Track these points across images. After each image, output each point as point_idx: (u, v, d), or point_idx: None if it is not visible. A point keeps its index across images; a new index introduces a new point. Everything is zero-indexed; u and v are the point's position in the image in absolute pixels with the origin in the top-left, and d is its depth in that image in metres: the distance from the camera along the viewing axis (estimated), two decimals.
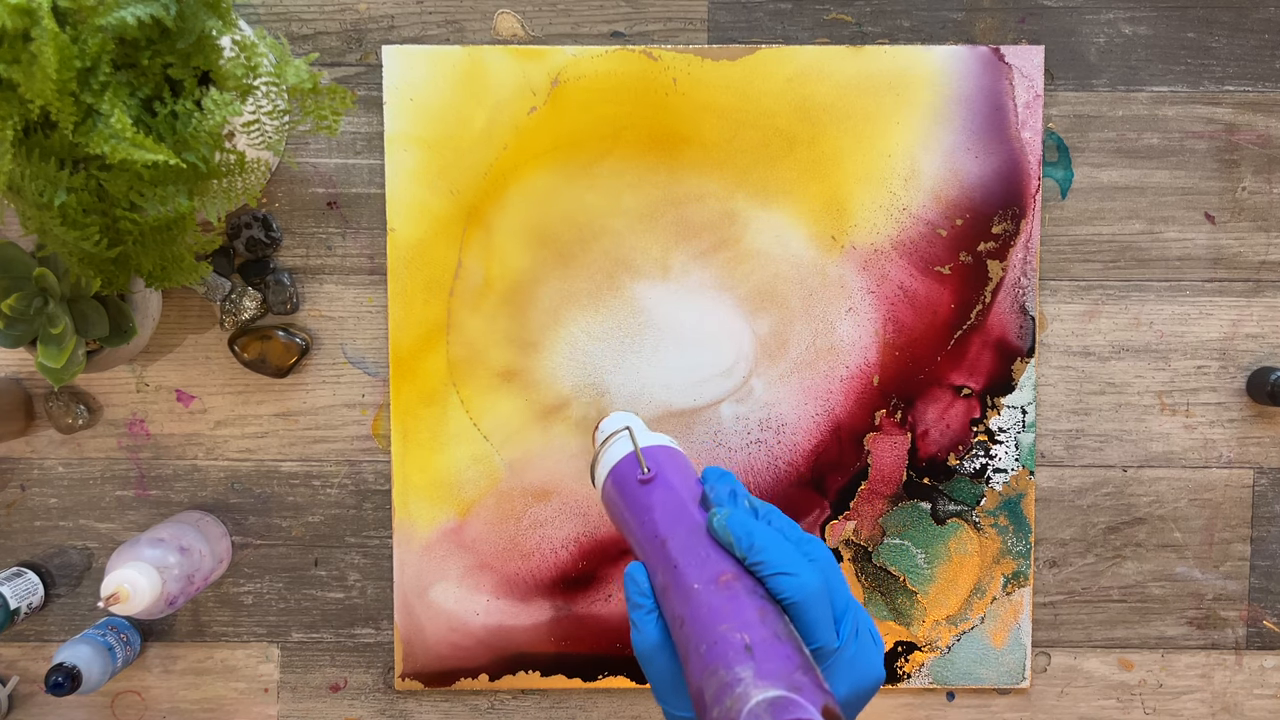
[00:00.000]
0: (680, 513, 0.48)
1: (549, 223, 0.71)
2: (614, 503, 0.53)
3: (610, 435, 0.56)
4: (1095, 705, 0.75)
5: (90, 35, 0.49)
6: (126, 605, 0.61)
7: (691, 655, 0.41)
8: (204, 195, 0.57)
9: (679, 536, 0.47)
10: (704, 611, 0.42)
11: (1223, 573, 0.74)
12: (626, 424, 0.56)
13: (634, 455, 0.52)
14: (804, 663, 0.39)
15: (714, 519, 0.46)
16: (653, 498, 0.50)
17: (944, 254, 0.71)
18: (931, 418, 0.72)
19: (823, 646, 0.43)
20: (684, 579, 0.44)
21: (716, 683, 0.39)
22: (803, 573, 0.43)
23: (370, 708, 0.74)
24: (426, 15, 0.71)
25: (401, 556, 0.72)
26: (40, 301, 0.60)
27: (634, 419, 0.59)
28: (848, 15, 0.71)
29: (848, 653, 0.44)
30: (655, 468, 0.51)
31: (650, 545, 0.48)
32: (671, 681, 0.45)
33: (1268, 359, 0.73)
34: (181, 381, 0.73)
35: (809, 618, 0.43)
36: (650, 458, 0.52)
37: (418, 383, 0.71)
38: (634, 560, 0.49)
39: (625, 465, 0.53)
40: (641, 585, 0.47)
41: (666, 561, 0.46)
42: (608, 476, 0.54)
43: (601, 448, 0.56)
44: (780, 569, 0.43)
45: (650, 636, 0.45)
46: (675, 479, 0.51)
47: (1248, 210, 0.72)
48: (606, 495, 0.54)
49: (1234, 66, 0.71)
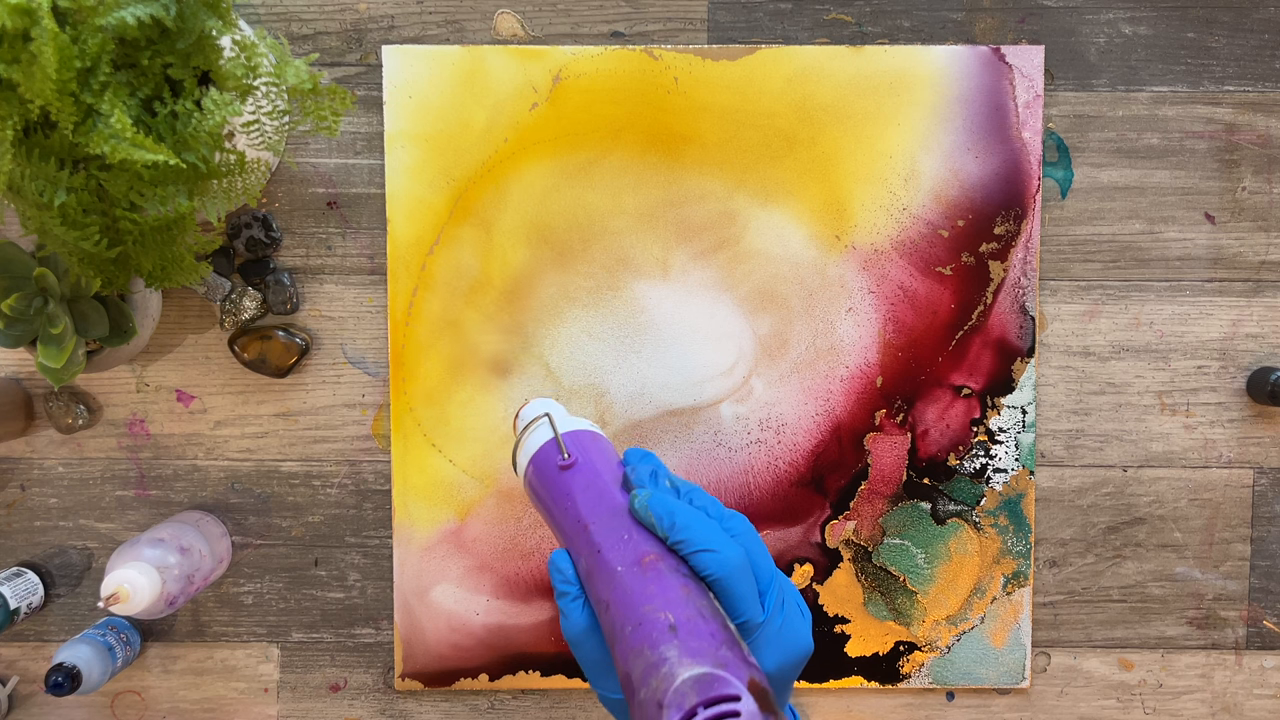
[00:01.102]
0: (602, 496, 0.48)
1: (549, 222, 0.71)
2: (536, 490, 0.53)
3: (530, 422, 0.55)
4: (1095, 705, 0.75)
5: (90, 35, 0.49)
6: (126, 605, 0.61)
7: (618, 638, 0.42)
8: (204, 195, 0.57)
9: (601, 520, 0.47)
10: (628, 593, 0.42)
11: (1223, 573, 0.74)
12: (546, 410, 0.56)
13: (554, 442, 0.52)
14: (729, 638, 0.40)
15: (635, 500, 0.46)
16: (574, 483, 0.49)
17: (945, 254, 0.71)
18: (931, 418, 0.72)
19: (748, 620, 0.43)
20: (607, 562, 0.44)
21: (643, 663, 0.39)
22: (724, 549, 0.44)
23: (370, 708, 0.74)
24: (426, 15, 0.71)
25: (401, 556, 0.72)
26: (40, 301, 0.60)
27: (554, 405, 0.58)
28: (848, 15, 0.71)
29: (774, 625, 0.44)
30: (576, 453, 0.51)
31: (573, 531, 0.48)
32: (602, 665, 0.46)
33: (1268, 359, 0.73)
34: (181, 381, 0.73)
35: (733, 592, 0.43)
36: (571, 442, 0.52)
37: (418, 383, 0.71)
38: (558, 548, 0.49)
39: (546, 452, 0.52)
40: (566, 572, 0.47)
41: (590, 546, 0.46)
42: (529, 464, 0.54)
43: (522, 435, 0.56)
44: (702, 546, 0.44)
45: (578, 623, 0.46)
46: (596, 463, 0.51)
47: (1248, 210, 0.72)
48: (528, 483, 0.54)
49: (1234, 66, 0.71)
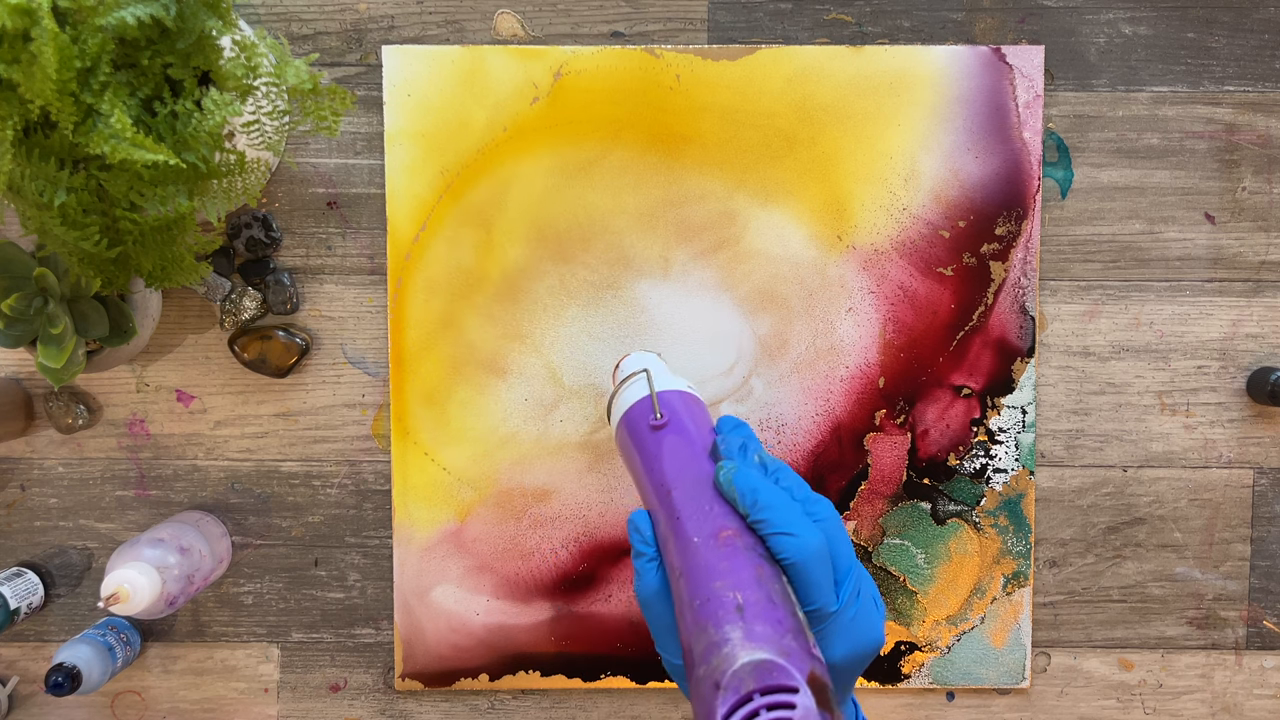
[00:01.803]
0: (689, 462, 0.47)
1: (549, 222, 0.71)
2: (625, 446, 0.52)
3: (629, 376, 0.54)
4: (1095, 705, 0.75)
5: (90, 35, 0.49)
6: (126, 605, 0.61)
7: (685, 609, 0.41)
8: (204, 195, 0.57)
9: (684, 487, 0.46)
10: (701, 566, 0.42)
11: (1223, 573, 0.74)
12: (645, 366, 0.54)
13: (649, 399, 0.51)
14: (795, 627, 0.39)
15: (720, 473, 0.45)
16: (663, 445, 0.48)
17: (946, 255, 0.71)
18: (931, 418, 0.72)
19: (820, 608, 0.42)
20: (685, 531, 0.44)
21: (705, 640, 0.38)
22: (804, 533, 0.43)
23: (370, 708, 0.74)
24: (426, 15, 0.71)
25: (401, 556, 0.72)
26: (40, 301, 0.60)
27: (654, 360, 0.57)
28: (848, 15, 0.71)
29: (847, 615, 0.43)
30: (669, 414, 0.50)
31: (656, 492, 0.47)
32: (668, 628, 0.45)
33: (1268, 359, 0.73)
34: (181, 381, 0.73)
35: (808, 579, 0.42)
36: (666, 403, 0.51)
37: (418, 383, 0.71)
38: (639, 507, 0.48)
39: (640, 409, 0.51)
40: (644, 533, 0.46)
41: (670, 511, 0.45)
42: (621, 419, 0.53)
43: (619, 388, 0.55)
44: (781, 529, 0.43)
45: (650, 585, 0.45)
46: (688, 426, 0.49)
47: (1248, 210, 0.72)
48: (619, 438, 0.53)
49: (1234, 66, 0.71)
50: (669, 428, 0.49)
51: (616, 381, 0.57)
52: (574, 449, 0.72)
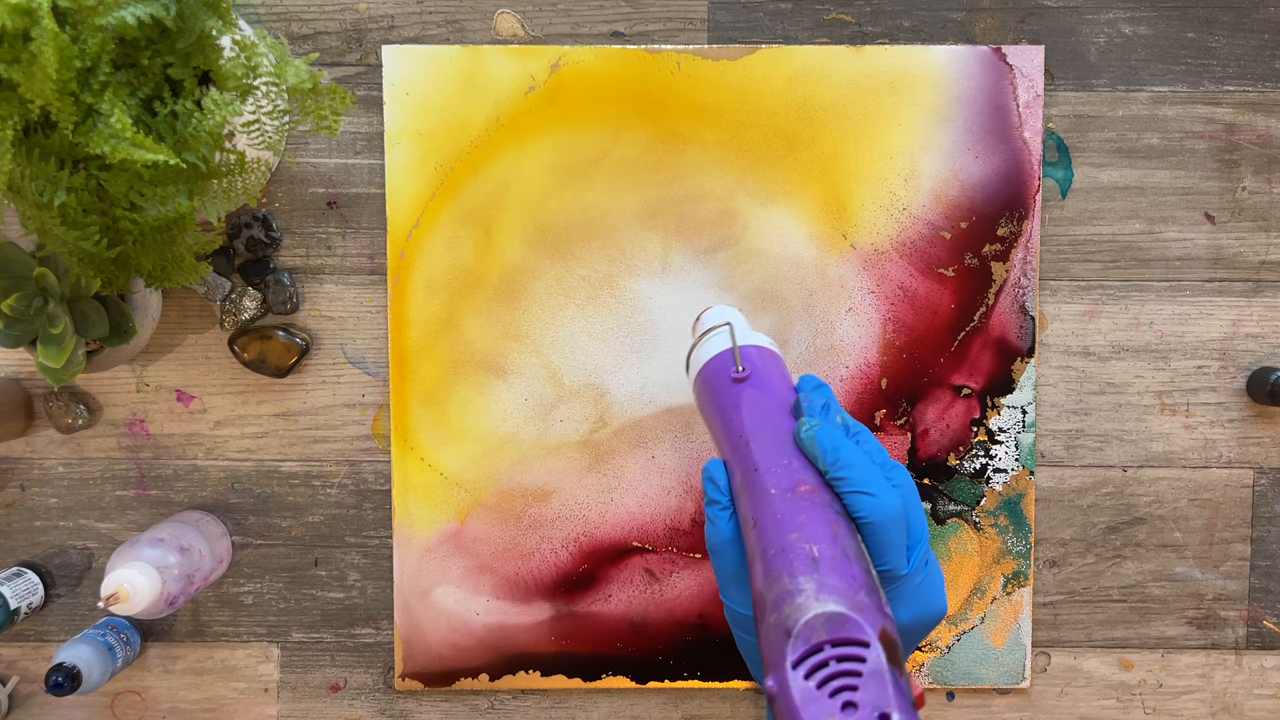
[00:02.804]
0: (768, 416, 0.48)
1: (549, 222, 0.71)
2: (704, 397, 0.52)
3: (710, 329, 0.55)
4: (1095, 705, 0.75)
5: (90, 35, 0.49)
6: (126, 605, 0.61)
7: (758, 558, 0.41)
8: (204, 195, 0.57)
9: (763, 440, 0.46)
10: (777, 517, 0.42)
11: (1223, 573, 0.74)
12: (728, 319, 0.55)
13: (730, 352, 0.52)
14: (869, 584, 0.39)
15: (803, 428, 0.45)
16: (743, 397, 0.49)
17: (947, 256, 0.71)
18: (931, 418, 0.72)
19: (891, 570, 0.43)
20: (762, 482, 0.44)
21: (779, 589, 0.39)
22: (883, 494, 0.43)
23: (370, 708, 0.74)
24: (426, 15, 0.71)
25: (401, 557, 0.72)
26: (40, 301, 0.60)
27: (735, 314, 0.58)
28: (848, 15, 0.71)
29: (915, 580, 0.43)
30: (750, 367, 0.50)
31: (734, 444, 0.48)
32: (735, 577, 0.46)
33: (1268, 359, 0.73)
34: (181, 381, 0.73)
35: (882, 539, 0.42)
36: (748, 357, 0.51)
37: (418, 383, 0.71)
38: (714, 457, 0.49)
39: (720, 361, 0.52)
40: (720, 483, 0.47)
41: (748, 463, 0.46)
42: (701, 370, 0.53)
43: (700, 339, 0.55)
44: (861, 488, 0.43)
45: (723, 532, 0.46)
46: (770, 381, 0.50)
47: (1248, 210, 0.72)
48: (698, 389, 0.53)
49: (1234, 66, 0.71)
50: (750, 381, 0.50)
51: (697, 334, 0.57)
52: (574, 449, 0.72)
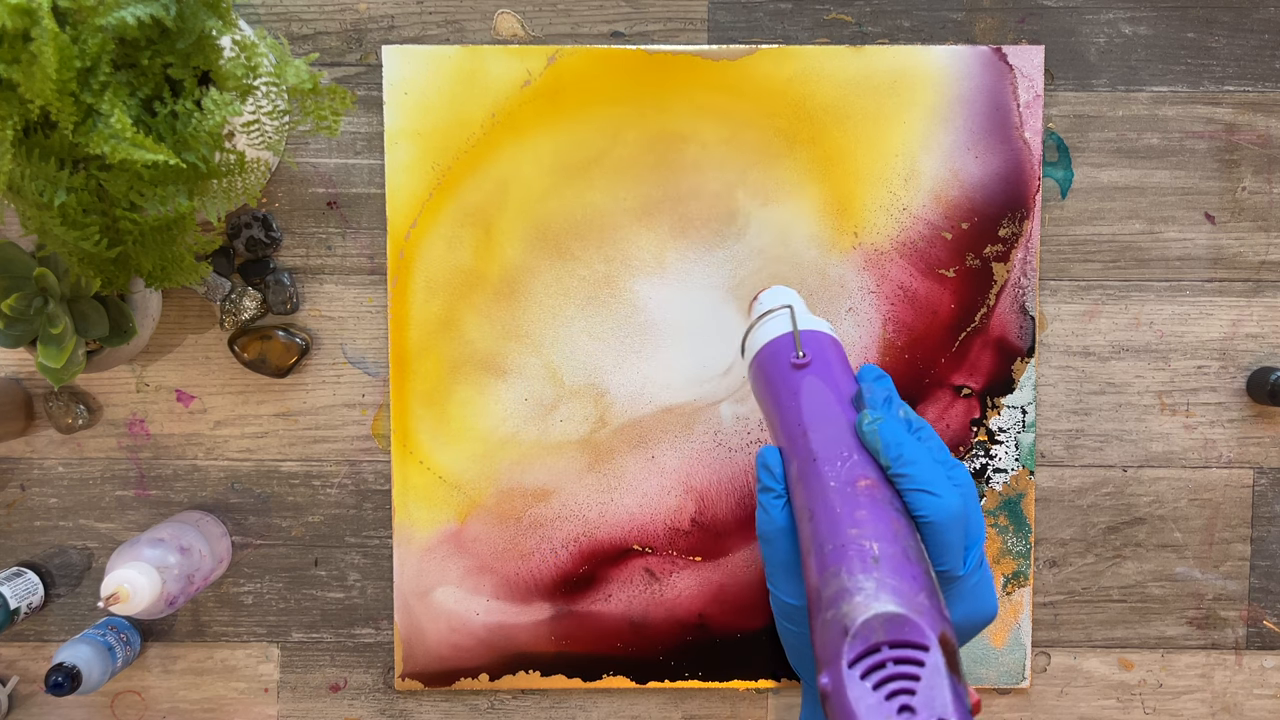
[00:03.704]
0: (828, 406, 0.46)
1: (549, 222, 0.71)
2: (760, 381, 0.51)
3: (769, 311, 0.53)
4: (1095, 705, 0.75)
5: (90, 35, 0.49)
6: (126, 605, 0.61)
7: (814, 551, 0.40)
8: (204, 195, 0.57)
9: (823, 430, 0.45)
10: (835, 512, 0.41)
11: (1223, 573, 0.74)
12: (788, 302, 0.53)
13: (790, 336, 0.50)
14: (930, 586, 0.38)
15: (865, 421, 0.44)
16: (802, 385, 0.48)
17: (948, 257, 0.71)
18: (931, 417, 0.72)
19: (948, 571, 0.42)
20: (821, 474, 0.43)
21: (837, 585, 0.38)
22: (945, 494, 0.42)
23: (370, 708, 0.74)
24: (426, 15, 0.71)
25: (401, 557, 0.72)
26: (40, 301, 0.60)
27: (796, 298, 0.55)
28: (848, 15, 0.71)
29: (970, 581, 0.43)
30: (812, 354, 0.49)
31: (791, 432, 0.46)
32: (785, 566, 0.45)
33: (1268, 359, 0.73)
34: (181, 381, 0.73)
35: (942, 540, 0.42)
36: (809, 343, 0.50)
37: (418, 383, 0.71)
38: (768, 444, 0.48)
39: (779, 344, 0.50)
40: (775, 470, 0.46)
41: (806, 452, 0.45)
42: (758, 353, 0.52)
43: (758, 321, 0.53)
44: (923, 486, 0.42)
45: (776, 520, 0.45)
46: (830, 370, 0.48)
47: (1248, 210, 0.72)
48: (754, 372, 0.52)
49: (1234, 66, 0.71)
50: (811, 368, 0.48)
51: (754, 315, 0.55)
52: (574, 449, 0.72)
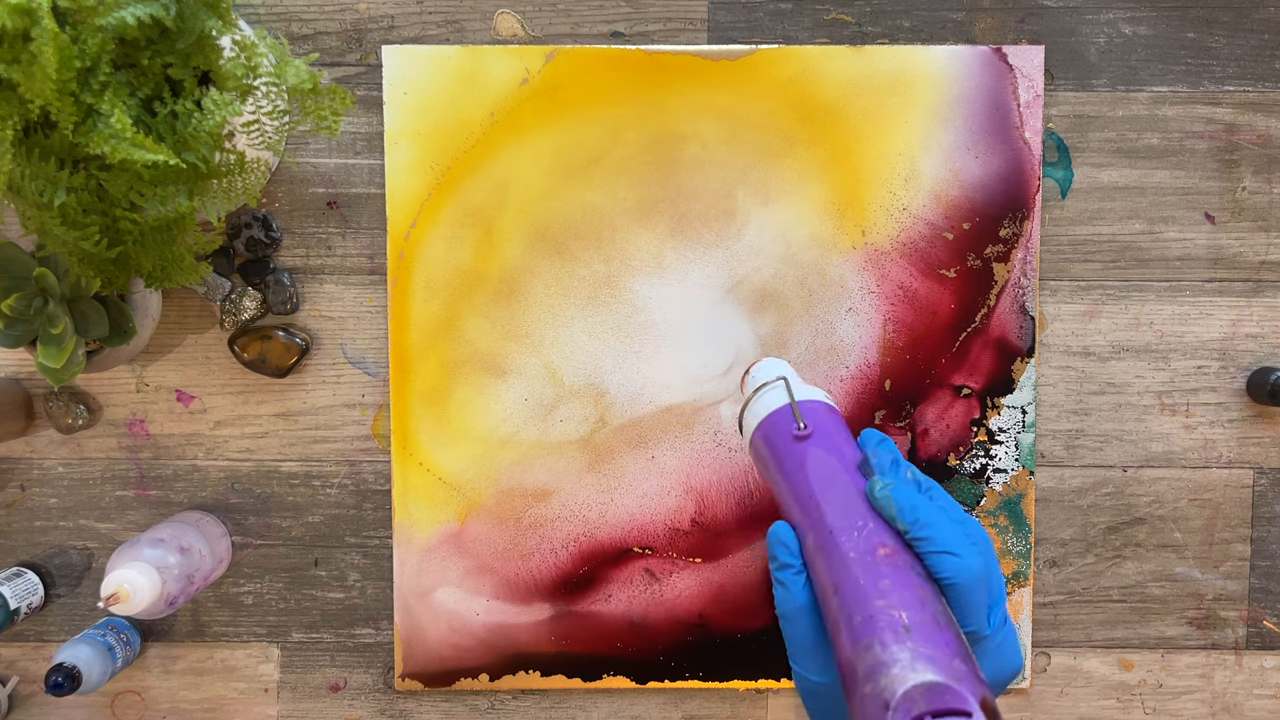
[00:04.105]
0: (836, 475, 0.46)
1: (549, 222, 0.71)
2: (763, 457, 0.50)
3: (763, 384, 0.53)
4: (1095, 705, 0.75)
5: (90, 35, 0.49)
6: (126, 605, 0.61)
7: (844, 626, 0.40)
8: (204, 195, 0.57)
9: (834, 500, 0.45)
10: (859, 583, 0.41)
11: (1223, 573, 0.74)
12: (782, 374, 0.53)
13: (789, 408, 0.50)
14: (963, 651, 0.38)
15: (876, 488, 0.44)
16: (808, 456, 0.47)
17: (949, 257, 0.71)
18: (931, 418, 0.72)
19: (975, 631, 0.42)
20: (839, 546, 0.43)
21: (871, 659, 0.38)
22: (966, 555, 0.42)
23: (370, 708, 0.74)
24: (426, 15, 0.71)
25: (402, 557, 0.72)
26: (40, 301, 0.60)
27: (788, 369, 0.55)
28: (848, 15, 0.71)
29: (995, 640, 0.42)
30: (812, 424, 0.49)
31: (804, 505, 0.46)
32: (810, 645, 0.44)
33: (1268, 359, 0.73)
34: (181, 381, 0.73)
35: (966, 600, 0.41)
36: (807, 413, 0.49)
37: (418, 383, 0.71)
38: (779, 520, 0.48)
39: (778, 418, 0.50)
40: (791, 546, 0.45)
41: (820, 526, 0.44)
42: (758, 428, 0.51)
43: (753, 395, 0.53)
44: (944, 548, 0.42)
45: (798, 598, 0.44)
46: (833, 439, 0.48)
47: (1248, 210, 0.72)
48: (755, 448, 0.52)
49: (1234, 66, 0.71)
50: (814, 439, 0.48)
51: (747, 390, 0.55)
52: (574, 449, 0.72)
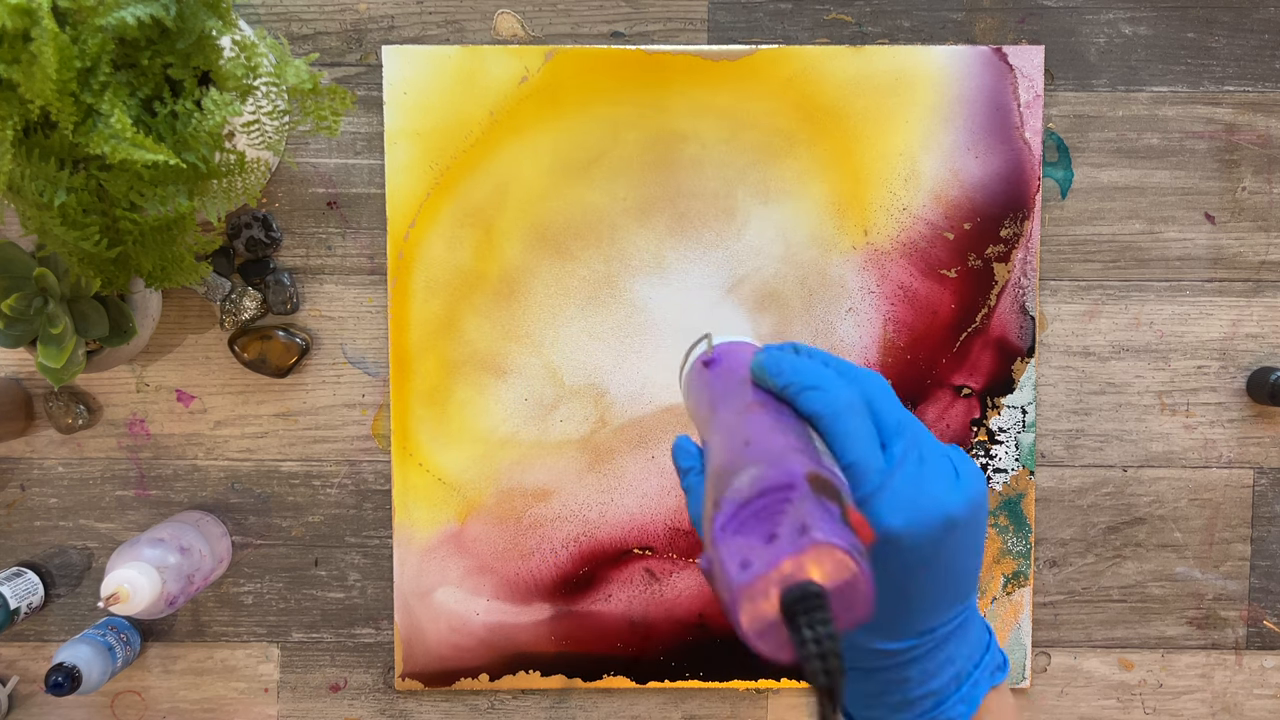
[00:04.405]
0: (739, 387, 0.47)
1: (549, 222, 0.71)
2: (687, 399, 0.53)
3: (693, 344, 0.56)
4: (1095, 705, 0.75)
5: (90, 35, 0.49)
6: (126, 605, 0.61)
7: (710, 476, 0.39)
8: (204, 195, 0.57)
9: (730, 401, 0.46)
10: (726, 436, 0.41)
11: (1223, 573, 0.74)
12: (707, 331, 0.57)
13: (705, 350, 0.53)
14: (801, 445, 0.37)
15: (753, 361, 0.44)
16: (713, 377, 0.49)
17: (949, 257, 0.71)
18: (932, 417, 0.72)
19: (858, 463, 0.39)
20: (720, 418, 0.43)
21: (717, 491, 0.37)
22: (831, 387, 0.40)
23: (370, 708, 0.74)
24: (426, 15, 0.71)
25: (402, 557, 0.72)
26: (40, 301, 0.60)
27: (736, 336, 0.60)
28: (848, 15, 0.71)
29: (899, 477, 0.39)
30: (720, 353, 0.51)
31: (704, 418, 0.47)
32: None
33: (1268, 359, 0.73)
34: (181, 381, 0.73)
35: (839, 430, 0.39)
36: (723, 349, 0.52)
37: (418, 383, 0.71)
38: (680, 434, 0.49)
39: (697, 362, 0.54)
40: (691, 450, 0.45)
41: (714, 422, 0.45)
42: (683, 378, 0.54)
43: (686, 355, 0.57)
44: (807, 385, 0.41)
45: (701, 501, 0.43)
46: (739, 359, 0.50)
47: (1248, 210, 0.72)
48: (683, 391, 0.54)
49: (1234, 66, 0.71)
50: (718, 361, 0.51)
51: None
52: (574, 449, 0.72)
